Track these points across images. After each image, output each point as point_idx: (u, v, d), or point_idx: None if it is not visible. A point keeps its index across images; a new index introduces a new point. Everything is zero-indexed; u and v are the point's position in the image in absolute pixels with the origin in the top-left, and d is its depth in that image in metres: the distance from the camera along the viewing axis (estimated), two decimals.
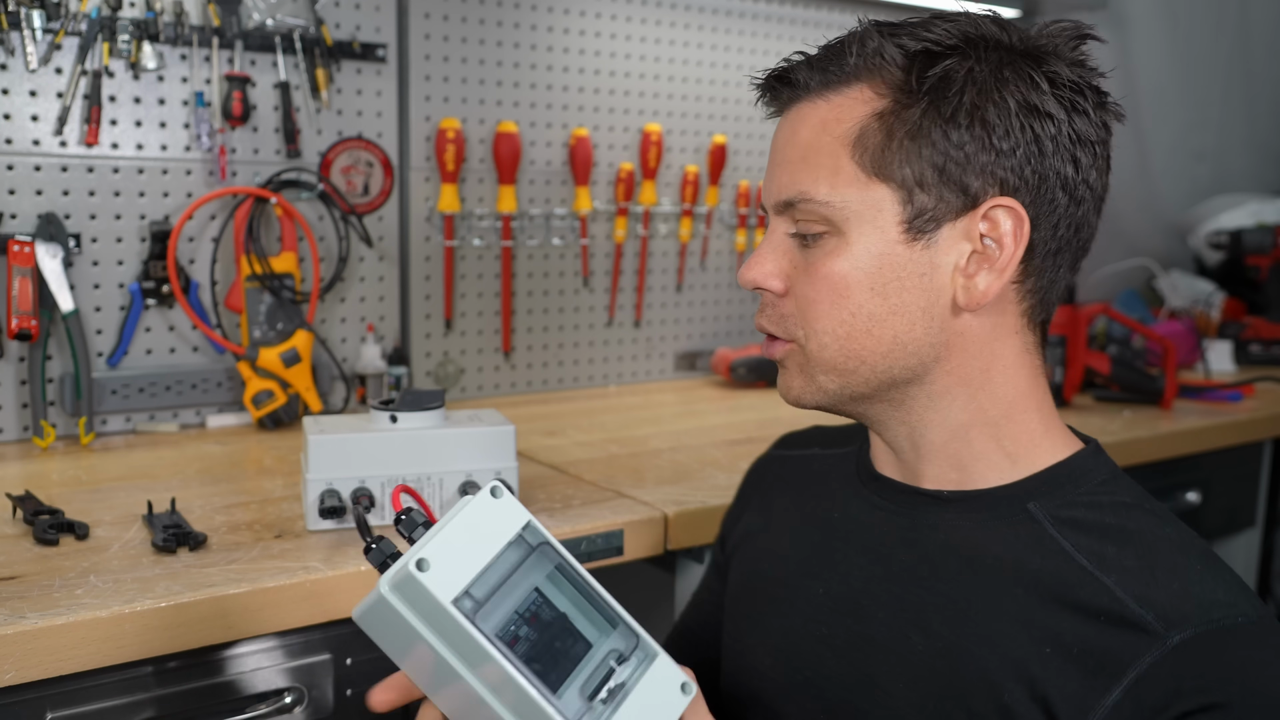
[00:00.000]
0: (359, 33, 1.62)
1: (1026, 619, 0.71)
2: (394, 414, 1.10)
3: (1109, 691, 0.66)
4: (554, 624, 0.63)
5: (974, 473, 0.78)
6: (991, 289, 0.75)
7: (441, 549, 0.60)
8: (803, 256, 0.78)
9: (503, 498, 0.64)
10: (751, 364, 1.92)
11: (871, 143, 0.74)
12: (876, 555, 0.81)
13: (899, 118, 0.74)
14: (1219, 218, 2.62)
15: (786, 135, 0.79)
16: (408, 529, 0.65)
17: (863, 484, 0.86)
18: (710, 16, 1.97)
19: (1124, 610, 0.68)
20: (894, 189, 0.74)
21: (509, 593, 0.62)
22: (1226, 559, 2.15)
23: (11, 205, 1.40)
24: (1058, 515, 0.75)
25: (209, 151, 1.52)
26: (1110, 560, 0.71)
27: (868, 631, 0.79)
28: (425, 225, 1.72)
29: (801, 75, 0.78)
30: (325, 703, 1.00)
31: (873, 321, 0.76)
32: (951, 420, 0.78)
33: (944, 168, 0.73)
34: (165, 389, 1.52)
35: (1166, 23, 2.68)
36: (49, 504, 1.11)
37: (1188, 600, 0.67)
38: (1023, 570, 0.73)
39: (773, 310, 0.80)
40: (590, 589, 0.65)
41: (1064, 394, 1.78)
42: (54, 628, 0.84)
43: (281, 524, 1.10)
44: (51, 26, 1.38)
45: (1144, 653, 0.66)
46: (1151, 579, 0.69)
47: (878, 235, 0.75)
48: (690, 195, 1.96)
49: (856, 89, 0.75)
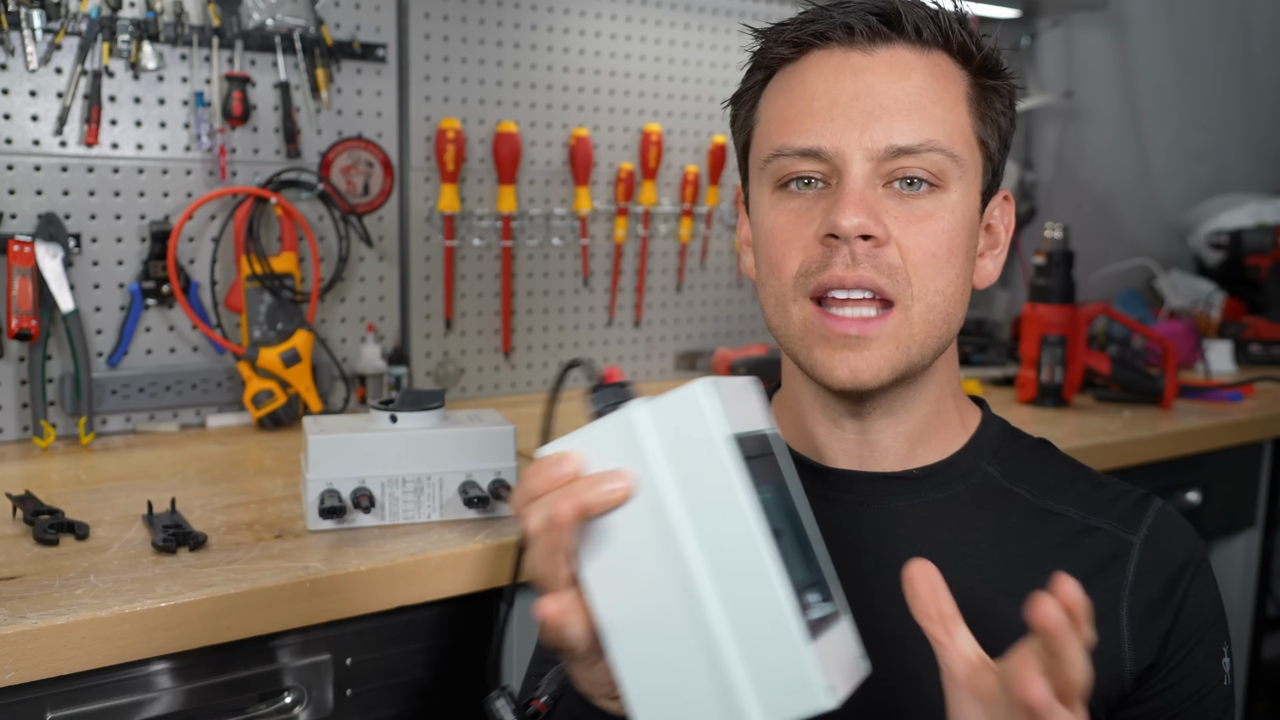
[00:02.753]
0: (359, 33, 1.62)
1: (1028, 565, 0.76)
2: (394, 414, 1.10)
3: (1121, 600, 0.76)
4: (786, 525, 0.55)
5: (934, 446, 0.80)
6: (996, 273, 0.80)
7: (727, 390, 0.54)
8: (903, 206, 0.72)
9: (760, 395, 0.60)
10: (751, 364, 1.92)
11: (978, 107, 0.75)
12: (860, 550, 0.79)
13: (985, 91, 0.75)
14: (1219, 218, 2.62)
15: (886, 77, 0.72)
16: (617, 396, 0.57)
17: (806, 481, 0.83)
18: (710, 16, 1.97)
19: (1096, 530, 0.78)
20: (983, 156, 0.76)
21: (756, 472, 0.54)
22: (1226, 559, 2.13)
23: (11, 205, 1.40)
24: (1004, 469, 0.81)
25: (209, 151, 1.52)
26: (1059, 494, 0.80)
27: (885, 629, 0.75)
28: (425, 225, 1.72)
29: (913, 20, 0.73)
30: (325, 703, 1.00)
31: (964, 286, 0.75)
32: (935, 393, 0.80)
33: (1002, 149, 0.77)
34: (165, 389, 1.52)
35: (1166, 23, 2.68)
36: (49, 504, 1.11)
37: (1126, 505, 0.80)
38: (1004, 524, 0.78)
39: (877, 260, 0.71)
40: (806, 519, 0.58)
41: (1064, 394, 1.77)
42: (54, 628, 0.84)
43: (281, 524, 1.10)
44: (51, 26, 1.38)
45: (1127, 559, 0.77)
46: (1092, 498, 0.80)
47: (971, 198, 0.75)
48: (690, 195, 1.96)
49: (941, 54, 0.74)
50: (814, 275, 0.72)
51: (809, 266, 0.72)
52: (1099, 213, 2.59)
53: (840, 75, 0.72)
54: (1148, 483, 1.68)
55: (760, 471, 0.55)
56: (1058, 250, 1.79)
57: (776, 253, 0.74)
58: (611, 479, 0.55)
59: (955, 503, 0.80)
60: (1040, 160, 2.54)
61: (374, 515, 1.08)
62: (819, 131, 0.71)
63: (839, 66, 0.72)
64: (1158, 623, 0.77)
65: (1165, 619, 0.77)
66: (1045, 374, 1.77)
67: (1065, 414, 1.74)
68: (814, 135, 0.72)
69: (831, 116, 0.71)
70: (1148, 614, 0.77)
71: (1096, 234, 2.50)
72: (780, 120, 0.75)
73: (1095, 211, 2.58)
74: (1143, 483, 0.87)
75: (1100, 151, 2.62)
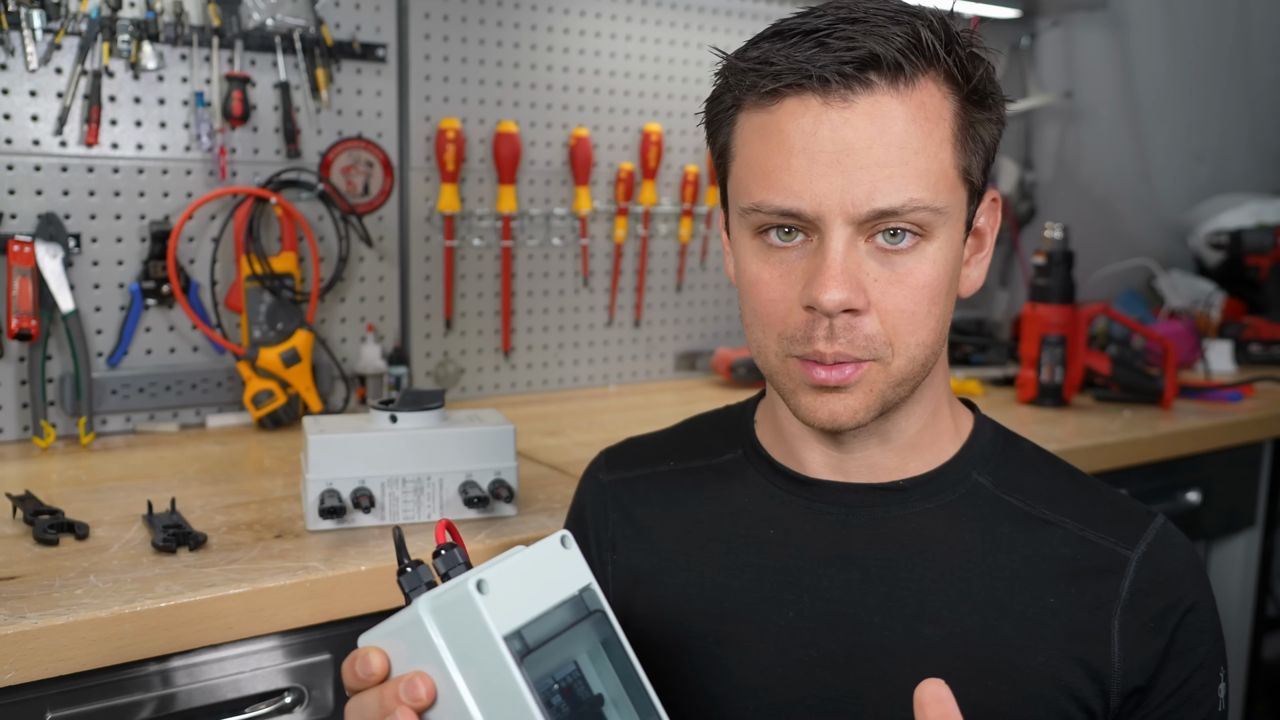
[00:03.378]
0: (359, 33, 1.62)
1: (1019, 578, 0.75)
2: (394, 414, 1.10)
3: (1112, 616, 0.74)
4: (587, 705, 0.57)
5: (928, 456, 0.80)
6: (982, 277, 0.79)
7: (501, 579, 0.55)
8: (885, 267, 0.71)
9: (570, 550, 0.60)
10: (751, 364, 1.92)
11: (960, 139, 0.72)
12: (846, 561, 0.78)
13: (966, 113, 0.72)
14: (1219, 218, 2.62)
15: (867, 133, 0.69)
16: (446, 565, 0.59)
17: (790, 492, 0.81)
18: (710, 16, 1.97)
19: (1092, 544, 0.76)
20: (966, 187, 0.74)
21: (552, 654, 0.56)
22: (1226, 559, 2.13)
23: (11, 205, 1.40)
24: (996, 478, 0.80)
25: (209, 151, 1.52)
26: (1055, 504, 0.78)
27: (869, 640, 0.76)
28: (425, 225, 1.72)
29: (891, 57, 0.68)
30: (325, 703, 1.00)
31: (944, 322, 0.75)
32: (928, 407, 0.79)
33: (986, 164, 0.75)
34: (165, 389, 1.52)
35: (1166, 23, 2.68)
36: (49, 504, 1.11)
37: (1125, 519, 0.78)
38: (995, 535, 0.77)
39: (853, 333, 0.71)
40: (633, 675, 0.59)
41: (1064, 394, 1.77)
42: (54, 628, 0.84)
43: (281, 524, 1.10)
44: (51, 26, 1.38)
45: (1123, 574, 0.75)
46: (1090, 510, 0.78)
47: (955, 236, 0.74)
48: (690, 195, 1.96)
49: (929, 82, 0.70)
50: (797, 345, 0.73)
51: (793, 334, 0.73)
52: (1099, 213, 2.59)
53: (819, 130, 0.69)
54: (1148, 483, 1.69)
55: (568, 643, 0.56)
56: (1058, 250, 1.79)
57: (762, 310, 0.74)
58: (413, 685, 0.57)
59: (944, 512, 0.78)
60: (1040, 160, 2.54)
61: (374, 515, 1.08)
62: (799, 193, 0.70)
63: (817, 120, 0.69)
64: (1152, 644, 0.75)
65: (1160, 640, 0.75)
66: (1045, 374, 1.77)
67: (1065, 414, 1.74)
68: (794, 197, 0.70)
69: (811, 177, 0.69)
70: (1142, 633, 0.75)
71: (1096, 234, 2.50)
72: (760, 171, 0.72)
73: (1095, 211, 2.58)
74: (1143, 483, 0.87)
75: (1100, 151, 2.62)
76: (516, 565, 0.57)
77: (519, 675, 0.53)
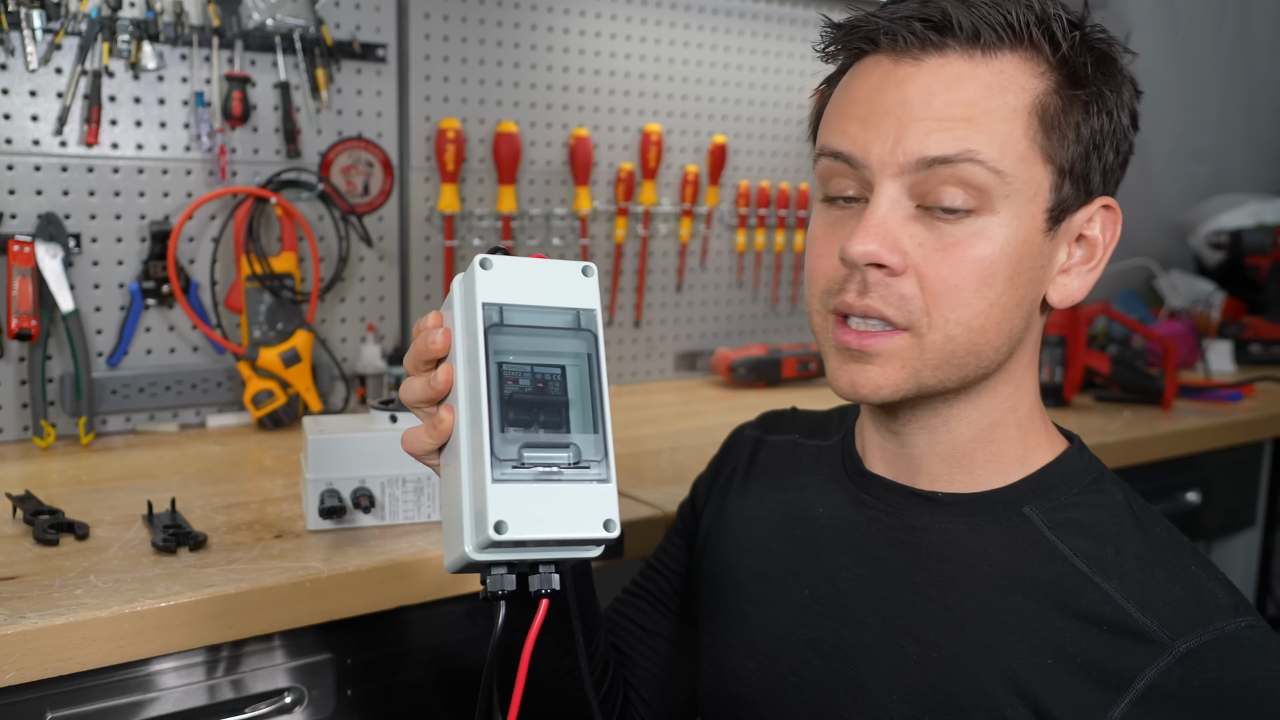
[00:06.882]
0: (359, 33, 1.62)
1: (1026, 628, 0.69)
2: (394, 414, 1.10)
3: (1115, 704, 0.64)
4: (552, 402, 0.63)
5: (979, 474, 0.76)
6: (1084, 289, 0.74)
7: (509, 266, 0.64)
8: (932, 233, 0.69)
9: (589, 279, 0.66)
10: (751, 364, 1.92)
11: (1047, 118, 0.69)
12: (865, 556, 0.78)
13: (1067, 97, 0.69)
14: (1219, 218, 2.62)
15: (929, 88, 0.68)
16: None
17: (850, 480, 0.82)
18: (710, 16, 1.97)
19: (1128, 619, 0.66)
20: (1051, 172, 0.70)
21: (537, 347, 0.64)
22: (1226, 559, 2.12)
23: (11, 205, 1.40)
24: (1053, 518, 0.73)
25: (209, 151, 1.52)
26: (1109, 564, 0.69)
27: (857, 638, 0.76)
28: (425, 225, 1.72)
29: (970, 23, 0.67)
30: (325, 703, 1.00)
31: (1004, 314, 0.70)
32: (987, 418, 0.75)
33: (1087, 157, 0.71)
34: (165, 389, 1.52)
35: (1166, 23, 2.68)
36: (49, 504, 1.11)
37: (1191, 606, 0.66)
38: (1020, 576, 0.70)
39: (887, 290, 0.69)
40: (599, 393, 0.64)
41: (1064, 394, 1.78)
42: (54, 628, 0.84)
43: (281, 524, 1.10)
44: (51, 26, 1.38)
45: (1151, 663, 0.64)
46: (1152, 583, 0.67)
47: (1027, 220, 0.69)
48: (690, 195, 1.96)
49: (1015, 57, 0.68)
50: (833, 296, 0.73)
51: (831, 285, 0.73)
52: None
53: (884, 87, 0.69)
54: (1148, 483, 1.69)
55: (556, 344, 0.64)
56: None
57: (811, 264, 0.75)
58: (433, 331, 0.66)
59: (973, 536, 0.74)
60: None
61: (374, 515, 1.08)
62: (852, 137, 0.70)
63: (884, 77, 0.70)
64: None
65: None
66: (1045, 374, 1.77)
67: (1065, 414, 1.74)
68: (847, 140, 0.71)
69: (866, 125, 0.70)
70: None
71: None
72: (827, 120, 0.75)
73: None
74: (1143, 483, 0.84)
75: None
76: (531, 265, 0.65)
77: (482, 336, 0.62)
